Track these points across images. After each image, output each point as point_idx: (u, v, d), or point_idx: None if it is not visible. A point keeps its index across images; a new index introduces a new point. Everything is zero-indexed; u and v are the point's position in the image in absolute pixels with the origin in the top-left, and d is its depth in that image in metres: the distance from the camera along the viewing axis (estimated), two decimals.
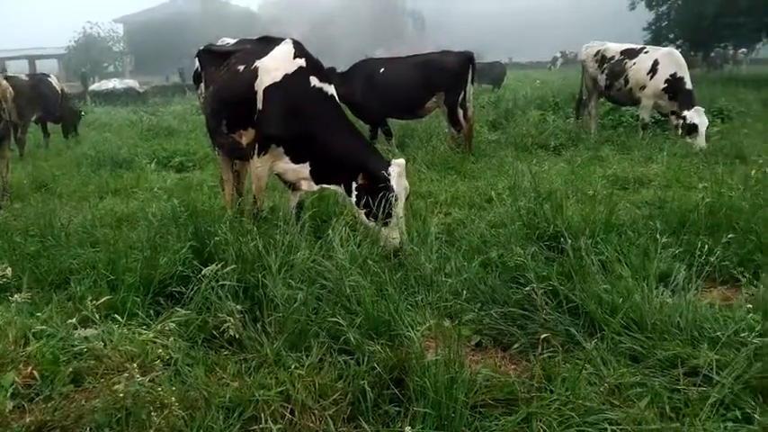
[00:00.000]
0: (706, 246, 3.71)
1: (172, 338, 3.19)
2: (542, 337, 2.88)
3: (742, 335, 3.01)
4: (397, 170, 4.59)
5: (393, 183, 4.52)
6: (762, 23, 23.08)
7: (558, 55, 49.96)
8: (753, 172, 5.22)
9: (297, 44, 4.99)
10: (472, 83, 10.05)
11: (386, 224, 4.44)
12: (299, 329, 3.23)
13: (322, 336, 3.19)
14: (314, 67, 4.90)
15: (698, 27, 23.63)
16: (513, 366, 3.19)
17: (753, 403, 2.65)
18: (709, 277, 4.00)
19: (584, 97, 12.01)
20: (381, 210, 4.42)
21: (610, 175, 7.27)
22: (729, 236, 3.95)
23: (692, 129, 9.21)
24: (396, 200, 4.48)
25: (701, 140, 9.04)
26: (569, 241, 3.90)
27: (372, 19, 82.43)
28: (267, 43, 5.16)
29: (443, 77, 9.81)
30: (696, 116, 9.27)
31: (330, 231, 4.10)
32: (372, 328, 3.24)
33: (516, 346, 3.28)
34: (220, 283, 3.53)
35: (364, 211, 4.61)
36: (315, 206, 5.39)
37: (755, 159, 7.24)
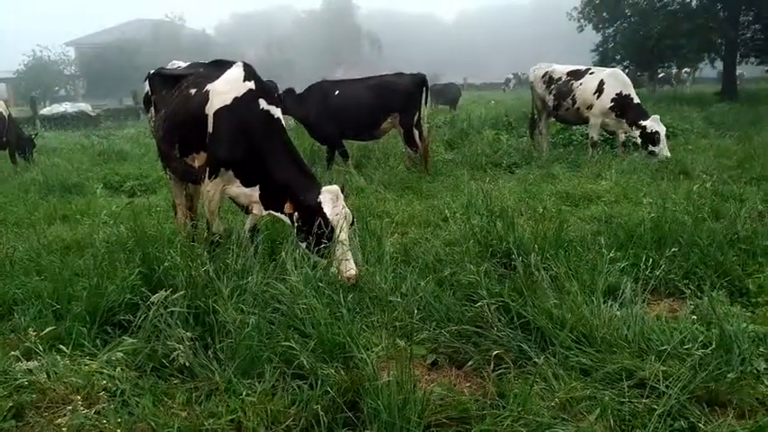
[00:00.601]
0: (651, 259, 3.82)
1: (119, 368, 3.11)
2: (494, 353, 2.90)
3: (687, 346, 3.10)
4: (328, 197, 4.49)
5: (326, 210, 4.43)
6: (702, 45, 24.24)
7: (511, 76, 51.24)
8: (695, 187, 5.43)
9: (247, 67, 4.99)
10: (426, 104, 10.21)
11: (328, 254, 4.32)
12: (252, 355, 3.18)
13: (275, 361, 3.15)
14: (263, 89, 4.91)
15: (643, 48, 24.65)
16: (467, 384, 3.20)
17: (698, 413, 2.73)
18: (656, 290, 4.14)
19: (535, 117, 12.32)
20: (317, 240, 4.33)
21: (560, 192, 7.45)
22: (673, 249, 4.09)
23: (653, 137, 9.45)
24: (332, 229, 4.36)
25: (663, 149, 9.31)
26: (520, 258, 3.96)
27: (329, 41, 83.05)
28: (218, 67, 5.15)
29: (398, 99, 9.96)
30: (655, 124, 9.56)
31: (283, 253, 4.06)
32: (326, 351, 3.21)
33: (470, 363, 3.30)
34: (170, 309, 3.45)
35: (305, 243, 4.47)
36: (269, 228, 5.34)
37: (699, 174, 7.56)
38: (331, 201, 4.47)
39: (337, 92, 10.41)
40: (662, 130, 9.51)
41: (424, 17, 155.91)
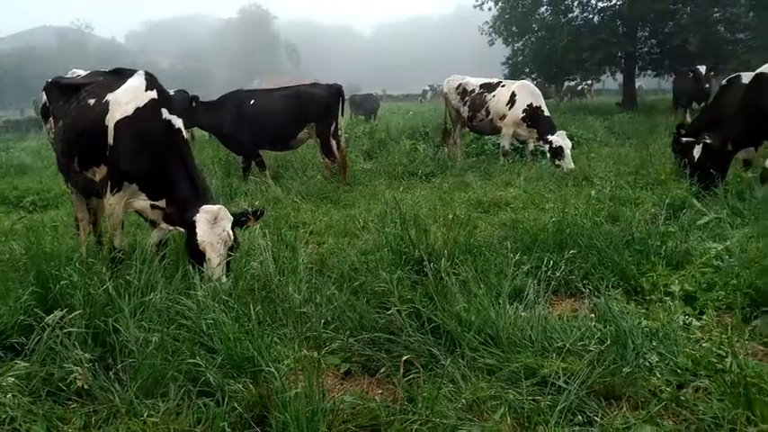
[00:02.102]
0: (551, 262, 4.00)
1: (10, 395, 2.90)
2: (403, 359, 2.94)
3: (585, 343, 3.26)
4: (204, 218, 4.37)
5: (198, 231, 4.31)
6: (604, 59, 25.81)
7: (428, 88, 52.45)
8: (593, 192, 5.74)
9: (149, 76, 4.83)
10: (342, 114, 10.26)
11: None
12: (155, 374, 3.05)
13: (180, 379, 3.03)
14: (165, 99, 4.77)
15: (549, 62, 25.98)
16: (379, 391, 3.21)
17: (596, 406, 2.86)
18: (559, 291, 4.34)
19: (449, 127, 12.64)
20: (192, 259, 4.24)
21: (473, 199, 7.68)
22: (572, 252, 4.29)
23: (558, 152, 9.95)
24: (203, 250, 4.26)
25: (568, 162, 9.80)
26: (431, 264, 4.04)
27: (246, 51, 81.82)
28: (119, 76, 4.94)
29: (313, 109, 9.96)
30: (560, 140, 10.06)
31: (190, 267, 3.94)
32: (235, 366, 3.13)
33: (383, 370, 3.32)
34: (67, 330, 3.26)
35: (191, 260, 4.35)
36: (179, 241, 5.16)
37: (599, 181, 8.01)
38: (206, 222, 4.35)
39: (252, 101, 10.28)
40: (567, 145, 10.03)
41: (343, 29, 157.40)
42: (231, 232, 4.45)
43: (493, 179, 9.21)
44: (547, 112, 11.01)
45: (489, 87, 11.70)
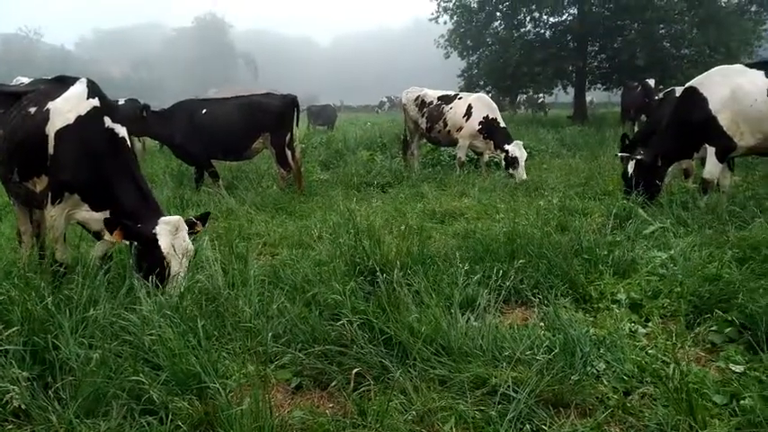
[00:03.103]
0: (501, 271, 4.04)
1: None
2: (354, 371, 2.90)
3: (534, 352, 3.30)
4: (166, 229, 4.27)
5: (162, 244, 4.21)
6: (555, 72, 26.52)
7: (385, 99, 52.84)
8: (541, 203, 5.84)
9: (91, 84, 4.69)
10: (297, 125, 10.20)
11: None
12: (96, 392, 2.93)
13: (122, 397, 2.92)
14: (108, 106, 4.64)
15: (503, 75, 26.48)
16: (330, 405, 3.17)
17: (545, 415, 2.89)
18: (510, 300, 4.38)
19: (407, 138, 12.74)
20: (150, 272, 4.13)
21: (428, 209, 7.71)
22: (521, 261, 4.35)
23: (513, 161, 10.15)
24: (168, 264, 4.17)
25: (521, 173, 9.99)
26: (384, 275, 4.03)
27: (201, 60, 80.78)
28: (61, 83, 4.78)
29: (267, 119, 9.88)
30: (516, 150, 10.26)
31: (135, 281, 3.81)
32: (180, 383, 3.03)
33: (334, 383, 3.27)
34: (2, 348, 3.11)
35: (141, 273, 4.22)
36: (124, 254, 5.00)
37: (550, 191, 8.18)
38: (169, 233, 4.26)
39: (205, 111, 10.12)
40: (521, 155, 10.24)
41: (302, 39, 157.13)
42: (191, 243, 4.38)
43: (448, 190, 9.30)
44: (503, 124, 11.25)
45: (447, 99, 11.88)
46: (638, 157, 7.24)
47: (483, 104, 11.40)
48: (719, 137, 6.56)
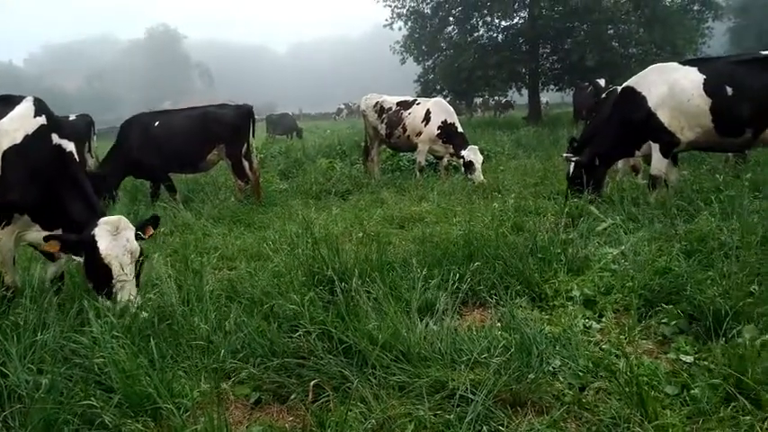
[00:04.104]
0: (458, 274, 4.08)
1: None
2: (312, 383, 2.88)
3: (486, 353, 3.33)
4: (105, 230, 4.15)
5: (100, 246, 4.09)
6: (509, 75, 27.00)
7: (343, 106, 52.88)
8: (495, 205, 5.93)
9: (37, 101, 4.56)
10: (253, 135, 10.12)
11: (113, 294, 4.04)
12: (47, 419, 2.83)
13: (74, 422, 2.84)
14: (54, 123, 4.52)
15: (458, 79, 26.86)
16: (290, 418, 3.13)
17: (502, 415, 2.92)
18: (468, 302, 4.42)
19: (368, 145, 12.77)
20: (99, 279, 4.05)
21: (388, 215, 7.73)
22: (477, 264, 4.40)
23: (470, 166, 10.31)
24: (109, 265, 4.06)
25: (478, 175, 10.13)
26: (343, 283, 4.01)
27: (155, 72, 79.44)
28: (6, 103, 4.62)
29: (222, 130, 9.78)
30: (472, 154, 10.42)
31: (85, 302, 3.71)
32: (134, 405, 2.96)
33: (293, 396, 3.24)
34: None
35: (92, 284, 4.14)
36: (75, 274, 4.87)
37: (506, 192, 8.30)
38: (107, 234, 4.13)
39: (157, 123, 9.96)
40: (478, 159, 10.39)
41: (258, 48, 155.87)
42: (136, 243, 4.25)
43: (408, 195, 9.34)
44: (460, 129, 11.41)
45: (405, 105, 11.99)
46: (575, 158, 7.45)
47: (441, 109, 11.55)
48: (662, 133, 6.77)
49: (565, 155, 7.84)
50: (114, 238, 4.13)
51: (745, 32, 46.37)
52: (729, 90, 6.48)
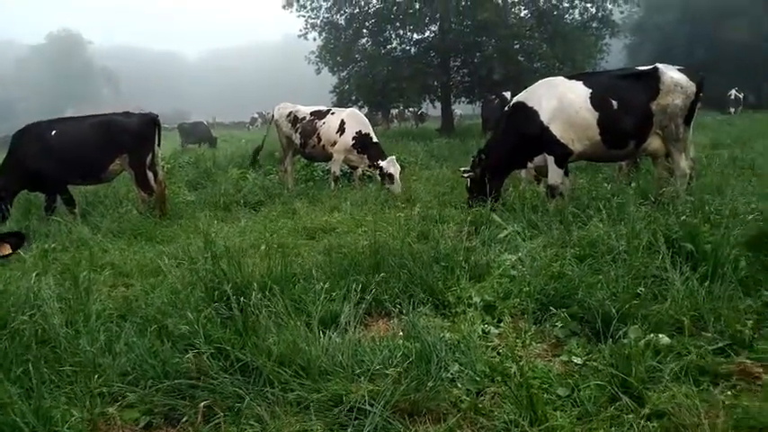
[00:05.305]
0: (360, 284, 4.06)
1: None
2: (201, 405, 2.76)
3: (386, 363, 3.32)
4: None
5: None
6: (421, 87, 27.57)
7: (257, 115, 52.09)
8: (401, 214, 5.98)
9: None
10: (159, 144, 9.71)
11: None
12: None
13: None
14: None
15: (372, 90, 27.14)
16: None
17: (400, 425, 2.92)
18: (373, 312, 4.41)
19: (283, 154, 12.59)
20: None
21: (299, 226, 7.62)
22: (382, 274, 4.40)
23: (387, 177, 10.40)
24: None
25: (397, 186, 10.23)
26: (242, 298, 3.89)
27: (58, 78, 75.16)
28: None
29: (126, 139, 9.34)
30: (392, 166, 10.50)
31: None
32: None
33: (185, 419, 3.09)
34: None
35: None
36: None
37: (416, 202, 8.42)
38: None
39: (54, 132, 9.34)
40: (395, 170, 10.50)
41: (169, 55, 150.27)
42: None
43: (320, 205, 9.27)
44: (375, 139, 11.50)
45: (320, 115, 11.95)
46: (470, 174, 7.78)
47: (356, 120, 11.62)
48: (555, 146, 7.10)
49: (462, 169, 8.14)
50: None
51: (640, 49, 49.94)
52: (615, 104, 6.90)
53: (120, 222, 8.24)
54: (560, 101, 6.99)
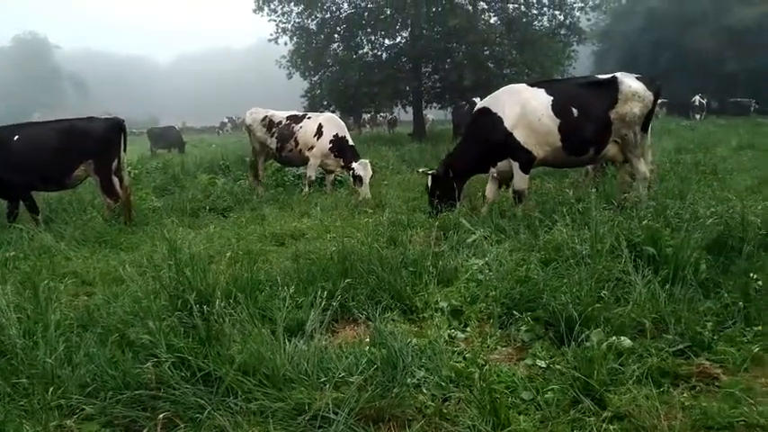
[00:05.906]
0: (327, 291, 4.03)
1: None
2: (160, 416, 2.70)
3: (351, 370, 3.30)
4: None
5: None
6: (393, 92, 27.64)
7: (226, 120, 51.66)
8: (368, 220, 5.97)
9: None
10: (125, 150, 9.54)
11: None
12: None
13: None
14: None
15: (344, 95, 27.14)
16: None
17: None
18: (340, 319, 4.39)
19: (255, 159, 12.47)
20: None
21: (268, 232, 7.55)
22: (348, 280, 4.38)
23: (359, 180, 10.41)
24: None
25: (365, 190, 10.24)
26: (204, 307, 3.83)
27: (23, 83, 73.54)
28: None
29: (90, 144, 9.15)
30: (361, 169, 10.51)
31: None
32: None
33: (145, 431, 3.02)
34: None
35: None
36: None
37: (386, 206, 8.41)
38: None
39: (17, 137, 9.11)
40: (367, 174, 10.51)
41: (138, 59, 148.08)
42: None
43: (290, 211, 9.20)
44: (351, 142, 11.55)
45: (296, 119, 11.94)
46: (431, 171, 7.89)
47: (333, 124, 11.66)
48: (520, 151, 7.19)
49: (422, 170, 8.21)
50: None
51: (607, 56, 51.00)
52: (575, 111, 7.01)
53: (84, 230, 8.05)
54: (523, 107, 7.08)
